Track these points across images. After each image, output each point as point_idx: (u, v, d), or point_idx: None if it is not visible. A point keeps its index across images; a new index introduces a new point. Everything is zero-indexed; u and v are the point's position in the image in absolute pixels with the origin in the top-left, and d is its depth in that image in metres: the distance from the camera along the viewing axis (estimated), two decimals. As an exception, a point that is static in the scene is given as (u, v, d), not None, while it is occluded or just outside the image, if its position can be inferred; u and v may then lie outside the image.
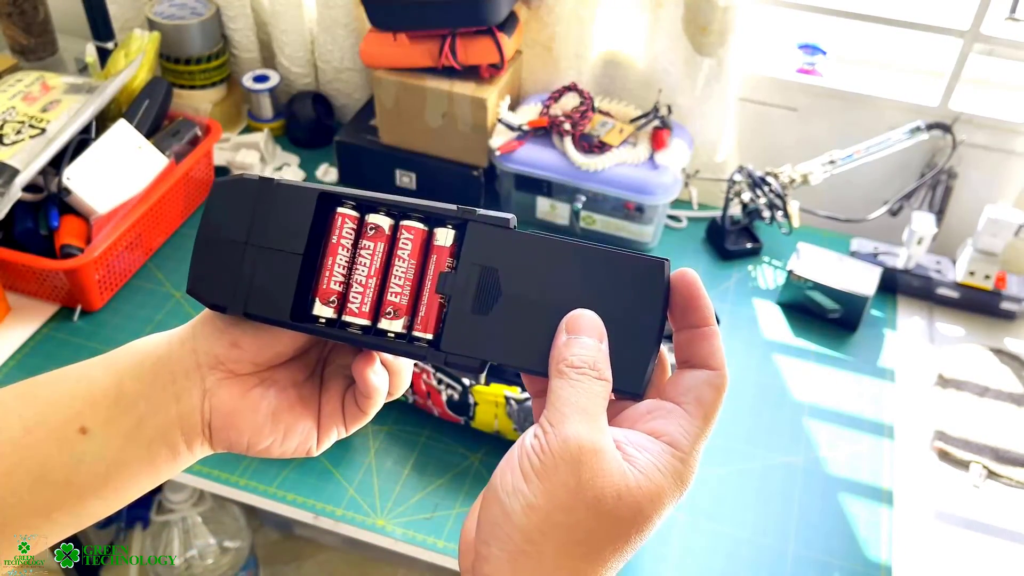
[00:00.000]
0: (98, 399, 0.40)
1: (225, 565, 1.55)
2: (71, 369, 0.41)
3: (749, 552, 0.99)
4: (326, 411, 0.46)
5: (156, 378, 0.41)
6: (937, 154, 1.33)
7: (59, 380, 0.41)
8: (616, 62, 1.42)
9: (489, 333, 0.40)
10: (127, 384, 0.40)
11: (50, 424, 0.39)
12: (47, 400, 0.40)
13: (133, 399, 0.40)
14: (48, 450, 0.39)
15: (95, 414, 0.40)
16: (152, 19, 1.45)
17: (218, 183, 0.43)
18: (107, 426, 0.40)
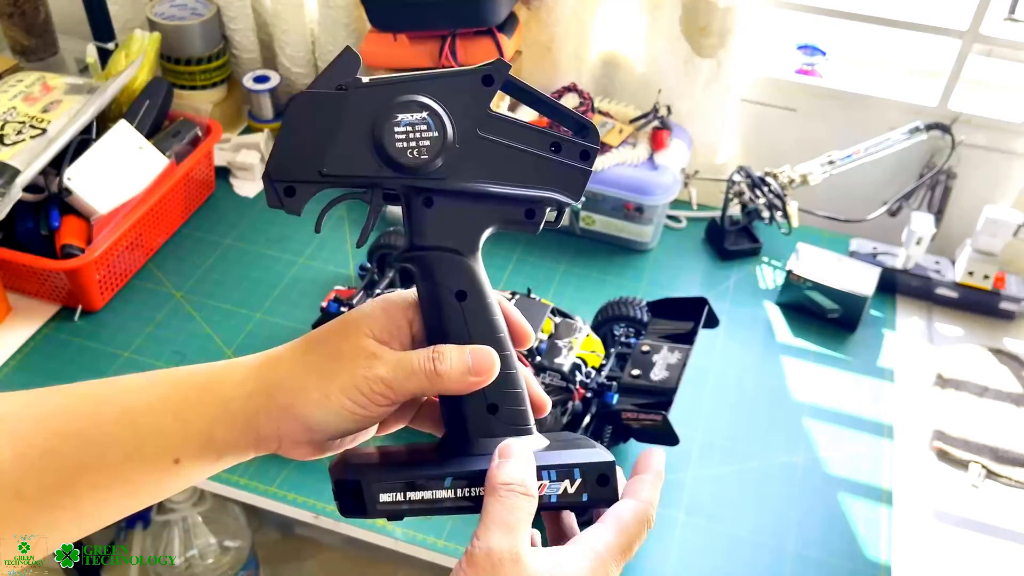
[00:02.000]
0: (191, 439, 0.44)
1: (225, 565, 1.55)
2: (166, 400, 0.44)
3: (749, 551, 0.99)
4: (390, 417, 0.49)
5: (244, 433, 0.45)
6: (936, 154, 1.33)
7: (157, 413, 0.44)
8: (615, 63, 1.42)
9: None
10: (218, 433, 0.44)
11: (148, 456, 0.43)
12: (147, 432, 0.43)
13: (221, 444, 0.44)
14: (144, 475, 0.44)
15: (188, 450, 0.44)
16: (153, 19, 1.45)
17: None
18: (196, 458, 0.44)
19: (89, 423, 0.43)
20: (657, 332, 1.09)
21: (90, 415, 0.43)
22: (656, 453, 0.47)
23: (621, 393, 1.01)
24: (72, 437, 0.42)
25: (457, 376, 0.44)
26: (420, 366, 0.44)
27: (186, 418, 0.44)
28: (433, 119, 0.46)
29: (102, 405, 0.44)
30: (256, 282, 1.29)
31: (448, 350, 0.44)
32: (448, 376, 0.44)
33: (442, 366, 0.44)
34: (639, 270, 1.34)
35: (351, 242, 1.36)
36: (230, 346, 1.19)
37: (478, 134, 0.47)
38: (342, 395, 0.44)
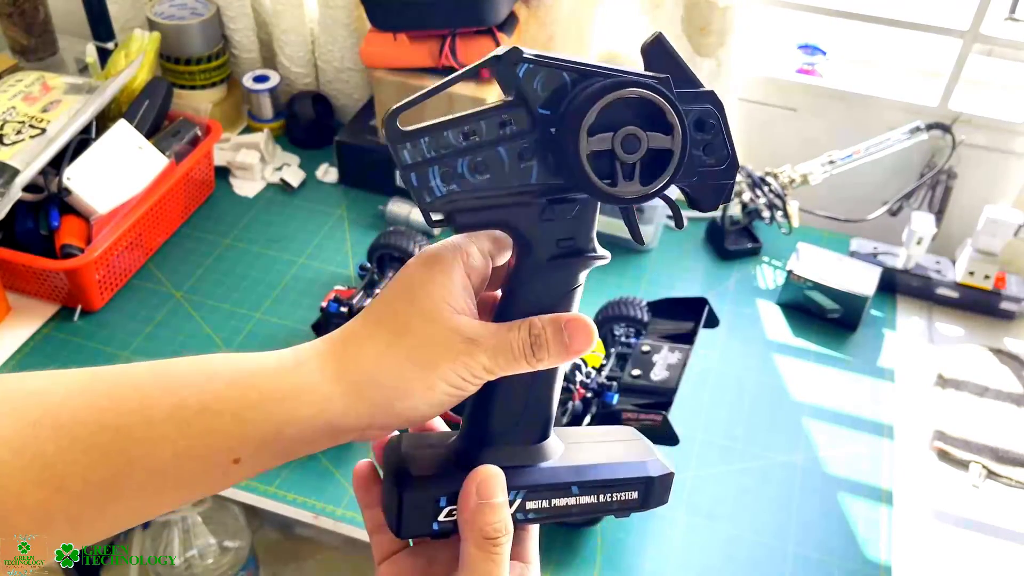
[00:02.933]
0: (252, 438, 0.41)
1: (225, 565, 1.55)
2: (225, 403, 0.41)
3: (749, 551, 0.99)
4: None
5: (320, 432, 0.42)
6: (937, 154, 1.33)
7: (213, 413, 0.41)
8: (615, 62, 1.41)
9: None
10: (287, 431, 0.41)
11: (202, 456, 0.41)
12: (200, 432, 0.40)
13: (291, 441, 0.42)
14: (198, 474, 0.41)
15: (249, 449, 0.41)
16: (152, 19, 1.45)
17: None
18: (259, 456, 0.42)
19: (139, 418, 0.40)
20: (657, 332, 1.09)
21: (139, 410, 0.40)
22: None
23: (621, 393, 1.01)
24: (120, 432, 0.40)
25: (556, 356, 0.43)
26: (521, 351, 0.42)
27: (246, 418, 0.41)
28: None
29: (152, 398, 0.41)
30: (256, 282, 1.29)
31: (545, 330, 0.43)
32: (549, 359, 0.43)
33: (541, 352, 0.43)
34: (639, 270, 1.33)
35: (351, 242, 1.36)
36: (230, 346, 1.19)
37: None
38: (446, 385, 0.42)
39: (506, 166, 0.41)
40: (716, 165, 0.42)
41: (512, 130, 0.41)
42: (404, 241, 1.19)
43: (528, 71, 0.40)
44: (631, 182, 0.40)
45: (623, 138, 0.39)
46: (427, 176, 0.40)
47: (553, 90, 0.40)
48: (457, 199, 0.41)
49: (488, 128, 0.41)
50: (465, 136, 0.41)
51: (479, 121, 0.41)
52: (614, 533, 1.00)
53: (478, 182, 0.41)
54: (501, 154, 0.41)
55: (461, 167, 0.41)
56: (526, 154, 0.41)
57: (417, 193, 0.41)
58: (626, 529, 1.00)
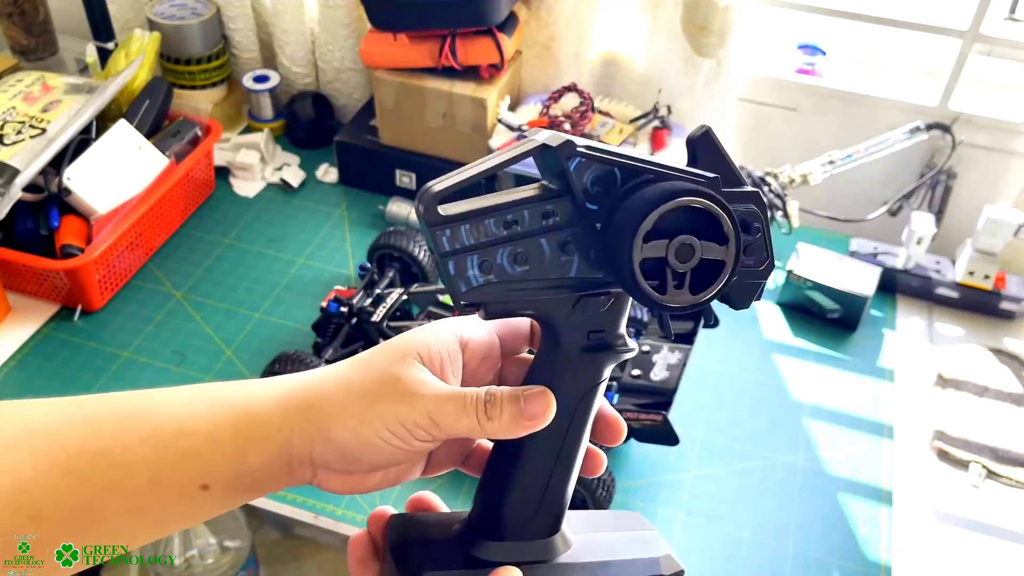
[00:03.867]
0: (222, 464, 0.41)
1: (225, 565, 1.55)
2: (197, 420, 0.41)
3: (749, 551, 0.99)
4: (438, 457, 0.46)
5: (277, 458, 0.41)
6: (936, 154, 1.33)
7: (187, 435, 0.41)
8: (616, 62, 1.42)
9: None
10: (251, 457, 0.41)
11: (176, 481, 0.41)
12: (176, 454, 0.40)
13: (254, 470, 0.41)
14: (171, 501, 0.41)
15: (218, 475, 0.41)
16: (152, 19, 1.45)
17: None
18: (226, 486, 0.41)
19: (116, 442, 0.40)
20: (657, 332, 1.09)
21: (117, 434, 0.40)
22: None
23: (621, 393, 1.01)
24: (97, 456, 0.39)
25: (508, 421, 0.40)
26: (471, 406, 0.40)
27: (218, 440, 0.41)
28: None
29: (130, 422, 0.41)
30: (256, 282, 1.29)
31: (501, 393, 0.41)
32: (499, 421, 0.40)
33: (493, 409, 0.40)
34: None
35: (351, 242, 1.36)
36: (230, 346, 1.19)
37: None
38: (381, 425, 0.40)
39: (547, 258, 0.39)
40: (755, 266, 0.41)
41: (555, 221, 0.39)
42: (404, 241, 1.19)
43: (580, 165, 0.38)
44: (680, 291, 0.38)
45: (678, 247, 0.38)
46: (465, 265, 0.38)
47: (603, 185, 0.39)
48: (493, 290, 0.39)
49: (531, 218, 0.39)
50: (507, 225, 0.39)
51: (522, 210, 0.39)
52: (614, 533, 1.00)
53: (516, 273, 0.39)
54: (543, 246, 0.39)
55: (501, 257, 0.39)
56: (568, 247, 0.39)
57: (453, 282, 0.38)
58: (626, 529, 1.00)
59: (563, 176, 0.39)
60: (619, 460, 1.07)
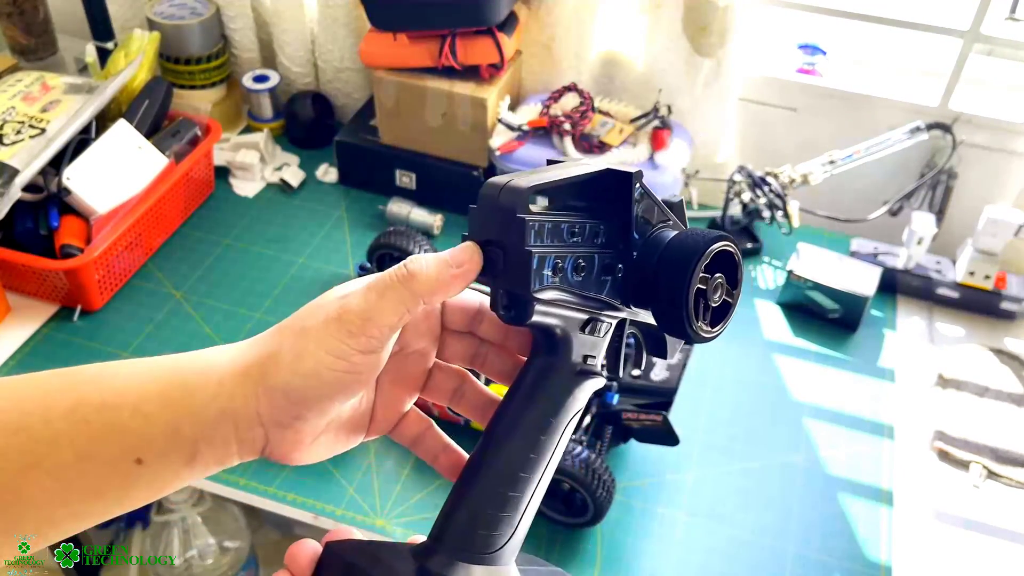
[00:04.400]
0: (154, 436, 0.39)
1: (225, 565, 1.55)
2: (124, 397, 0.39)
3: (749, 552, 0.99)
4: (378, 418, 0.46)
5: (218, 426, 0.40)
6: (937, 154, 1.33)
7: (112, 408, 0.39)
8: (616, 62, 1.42)
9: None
10: (185, 427, 0.39)
11: (104, 455, 0.39)
12: (100, 430, 0.39)
13: (191, 439, 0.40)
14: (102, 477, 0.39)
15: (151, 448, 0.39)
16: (152, 19, 1.45)
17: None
18: (163, 458, 0.39)
19: (38, 418, 0.38)
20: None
21: (39, 409, 0.38)
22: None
23: (621, 393, 1.01)
24: (19, 433, 0.38)
25: (435, 271, 0.39)
26: (393, 278, 0.39)
27: (146, 411, 0.39)
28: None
29: (53, 396, 0.39)
30: (255, 282, 1.29)
31: (418, 256, 0.40)
32: (424, 273, 0.39)
33: (414, 265, 0.39)
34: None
35: (351, 242, 1.36)
36: (230, 346, 1.19)
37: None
38: (317, 347, 0.39)
39: (594, 273, 0.42)
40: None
41: (602, 241, 0.42)
42: (404, 241, 1.18)
43: (640, 195, 0.42)
44: (705, 323, 0.42)
45: (716, 283, 0.42)
46: (544, 263, 0.39)
47: (646, 219, 0.43)
48: (552, 292, 0.40)
49: (589, 232, 0.42)
50: (572, 235, 0.41)
51: (585, 225, 0.41)
52: (614, 533, 1.00)
53: (573, 282, 0.41)
54: (595, 261, 0.42)
55: (568, 263, 0.41)
56: (610, 268, 0.42)
57: (531, 276, 0.39)
58: (626, 529, 1.00)
59: (623, 202, 0.42)
60: (619, 460, 1.07)
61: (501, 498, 0.41)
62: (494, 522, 0.41)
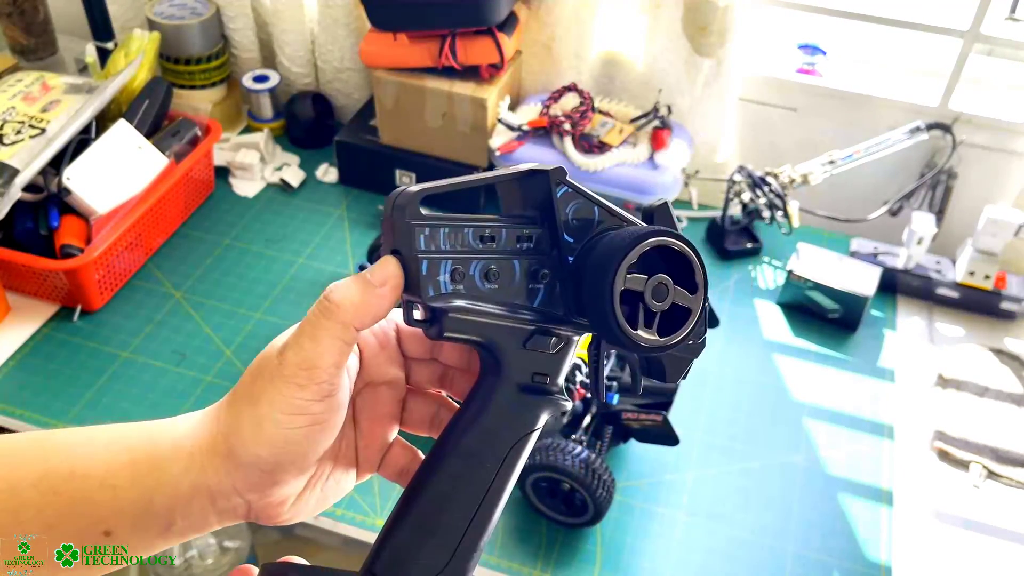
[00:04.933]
0: (124, 509, 0.38)
1: (225, 565, 1.55)
2: (92, 468, 0.38)
3: (749, 551, 0.99)
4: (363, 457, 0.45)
5: (192, 499, 0.39)
6: (937, 154, 1.33)
7: (81, 477, 0.38)
8: (616, 62, 1.42)
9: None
10: (158, 501, 0.38)
11: (71, 527, 0.38)
12: (69, 500, 0.38)
13: (165, 511, 0.39)
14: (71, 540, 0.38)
15: (120, 522, 0.38)
16: (152, 19, 1.45)
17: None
18: (134, 531, 0.39)
19: (5, 486, 0.37)
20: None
21: (7, 478, 0.38)
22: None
23: (621, 393, 1.01)
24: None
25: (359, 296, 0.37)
26: (316, 312, 0.38)
27: (114, 484, 0.38)
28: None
29: (21, 467, 0.38)
30: (255, 282, 1.29)
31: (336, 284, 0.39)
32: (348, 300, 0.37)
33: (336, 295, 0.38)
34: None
35: (351, 242, 1.36)
36: (229, 346, 1.19)
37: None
38: (272, 410, 0.37)
39: (516, 281, 0.40)
40: (695, 339, 0.42)
41: (529, 247, 0.40)
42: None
43: (565, 195, 0.40)
44: (650, 330, 0.39)
45: (655, 285, 0.38)
46: (438, 269, 0.38)
47: (581, 221, 0.40)
48: (457, 302, 0.38)
49: (507, 238, 0.39)
50: (483, 240, 0.39)
51: (501, 228, 0.39)
52: (614, 533, 1.00)
53: (485, 290, 0.39)
54: (515, 267, 0.40)
55: (474, 269, 0.39)
56: (538, 275, 0.40)
57: (422, 283, 0.38)
58: (626, 529, 1.00)
59: (546, 203, 0.40)
60: (619, 460, 1.07)
61: (432, 524, 0.38)
62: (426, 550, 0.38)
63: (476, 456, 0.39)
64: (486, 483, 0.39)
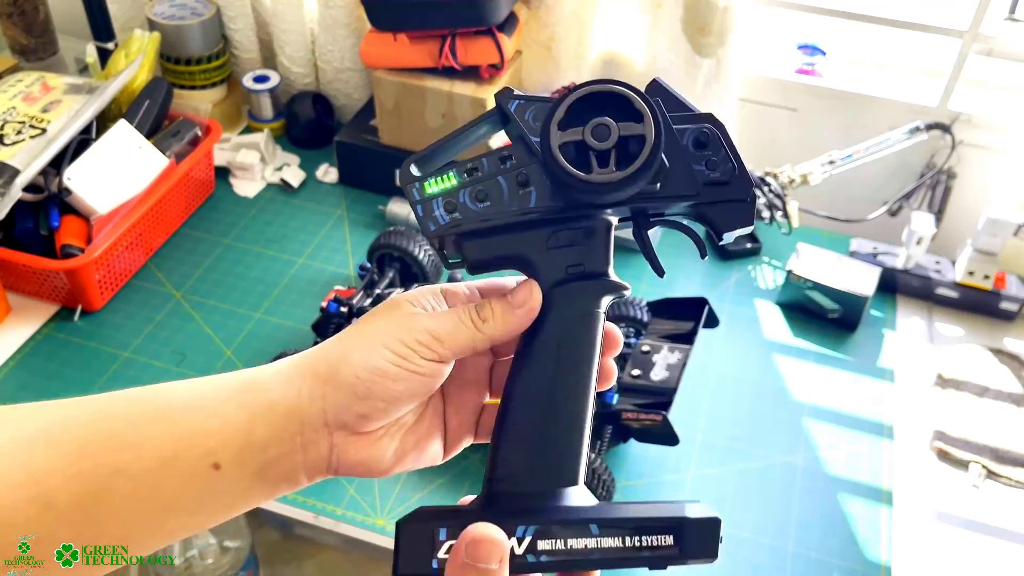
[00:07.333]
0: (230, 438, 0.41)
1: (225, 565, 1.55)
2: (204, 399, 0.42)
3: (749, 551, 0.99)
4: (452, 425, 0.47)
5: (286, 427, 0.41)
6: (936, 154, 1.33)
7: (193, 410, 0.41)
8: (616, 62, 1.42)
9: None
10: (258, 428, 0.41)
11: (185, 458, 0.40)
12: (183, 432, 0.41)
13: (263, 443, 0.41)
14: (181, 483, 0.40)
15: (227, 452, 0.41)
16: (152, 19, 1.45)
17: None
18: (237, 465, 0.41)
19: (125, 423, 0.40)
20: (657, 332, 1.09)
21: (126, 415, 0.41)
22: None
23: (621, 393, 1.01)
24: (108, 439, 0.40)
25: (501, 315, 0.43)
26: (466, 315, 0.43)
27: (224, 413, 0.41)
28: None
29: (138, 405, 0.41)
30: (256, 282, 1.29)
31: (489, 299, 0.44)
32: (493, 318, 0.43)
33: (484, 311, 0.43)
34: (639, 270, 1.33)
35: (351, 242, 1.36)
36: (230, 346, 1.19)
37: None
38: (385, 348, 0.41)
39: (505, 193, 0.43)
40: (722, 179, 0.43)
41: (512, 164, 0.44)
42: (404, 241, 1.19)
43: (519, 106, 0.43)
44: (606, 169, 0.41)
45: (593, 127, 0.41)
46: (431, 207, 0.44)
47: (543, 121, 0.42)
48: (459, 225, 0.43)
49: (490, 164, 0.44)
50: (468, 172, 0.44)
51: (481, 159, 0.44)
52: (614, 533, 1.00)
53: (479, 209, 0.43)
54: (500, 183, 0.44)
55: (463, 197, 0.44)
56: (523, 180, 0.43)
57: (423, 223, 0.44)
58: (626, 529, 1.00)
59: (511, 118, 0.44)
60: (619, 460, 1.07)
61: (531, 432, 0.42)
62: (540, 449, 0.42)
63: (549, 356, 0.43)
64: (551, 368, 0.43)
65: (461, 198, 0.44)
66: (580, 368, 0.43)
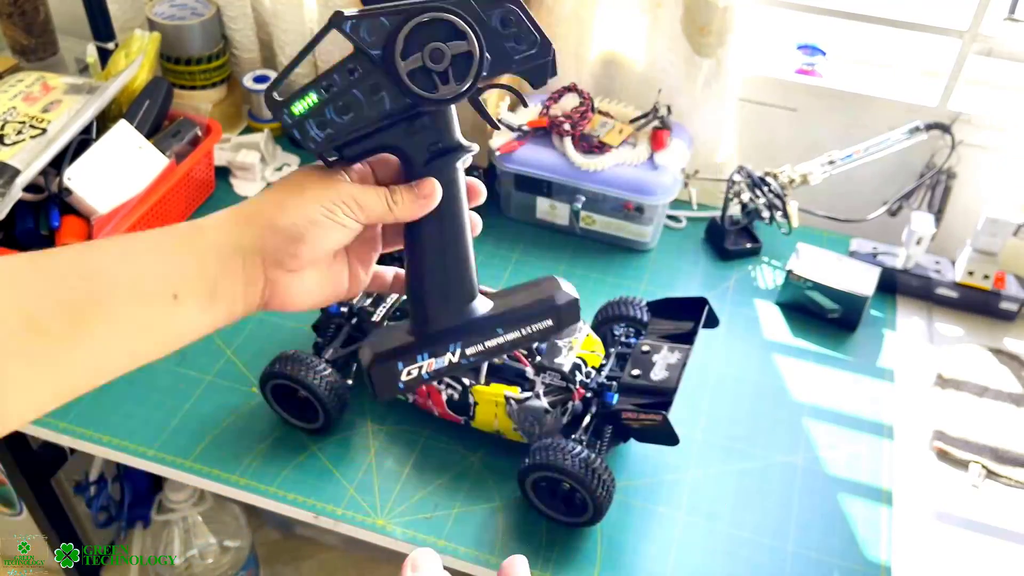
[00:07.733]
0: (188, 273, 0.50)
1: (225, 565, 1.55)
2: (161, 244, 0.50)
3: (749, 551, 0.99)
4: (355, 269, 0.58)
5: (230, 262, 0.51)
6: (936, 154, 1.33)
7: (154, 251, 0.50)
8: (616, 62, 1.42)
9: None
10: (209, 264, 0.50)
11: (149, 291, 0.48)
12: (146, 268, 0.49)
13: (213, 277, 0.50)
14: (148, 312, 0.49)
15: (184, 284, 0.49)
16: (152, 19, 1.45)
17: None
18: (192, 296, 0.49)
19: (96, 265, 0.48)
20: (657, 332, 1.09)
21: (96, 258, 0.48)
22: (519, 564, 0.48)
23: (621, 393, 1.01)
24: (84, 277, 0.47)
25: (409, 202, 0.53)
26: (382, 194, 0.53)
27: (180, 253, 0.50)
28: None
29: (105, 249, 0.49)
30: (256, 282, 1.29)
31: (399, 187, 0.54)
32: (403, 203, 0.53)
33: (395, 195, 0.54)
34: (639, 270, 1.34)
35: (351, 242, 1.36)
36: (230, 346, 1.19)
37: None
38: (315, 203, 0.51)
39: (364, 103, 0.51)
40: (530, 49, 0.52)
41: (359, 75, 0.51)
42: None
43: (352, 26, 0.49)
44: (448, 85, 0.51)
45: (429, 53, 0.49)
46: (306, 128, 0.52)
47: (380, 34, 0.49)
48: (335, 139, 0.52)
49: (341, 78, 0.51)
50: (326, 89, 0.51)
51: (332, 75, 0.51)
52: (614, 533, 1.00)
53: (346, 121, 0.51)
54: (357, 95, 0.51)
55: (329, 113, 0.51)
56: (375, 89, 0.51)
57: (304, 144, 0.52)
58: (626, 529, 1.00)
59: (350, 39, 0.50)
60: (619, 460, 1.07)
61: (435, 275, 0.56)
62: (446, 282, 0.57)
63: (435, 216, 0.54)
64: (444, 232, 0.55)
65: (328, 114, 0.51)
66: (457, 219, 0.55)
